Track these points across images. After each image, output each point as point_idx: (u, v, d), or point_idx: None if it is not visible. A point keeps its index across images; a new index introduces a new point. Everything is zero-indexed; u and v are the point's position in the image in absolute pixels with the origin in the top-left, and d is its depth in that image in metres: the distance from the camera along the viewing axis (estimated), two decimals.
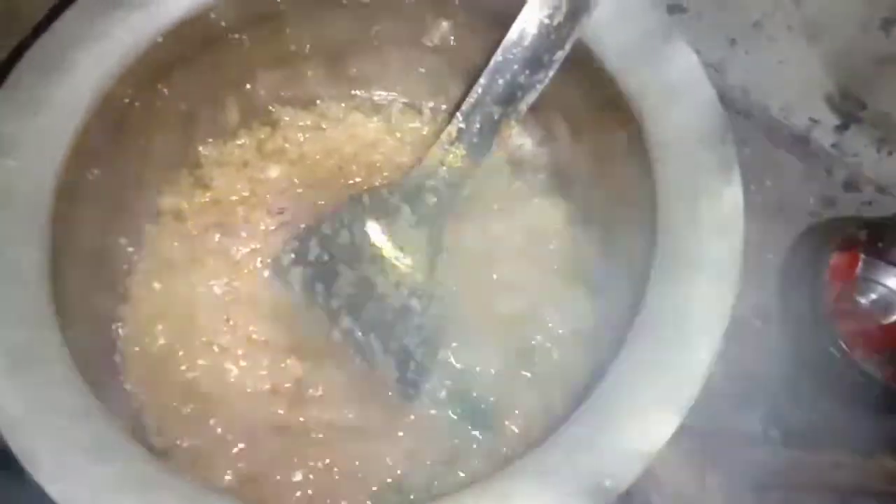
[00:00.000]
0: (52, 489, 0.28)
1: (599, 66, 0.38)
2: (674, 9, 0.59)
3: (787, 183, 0.61)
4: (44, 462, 0.28)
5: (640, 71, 0.37)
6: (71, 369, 0.31)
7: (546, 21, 0.37)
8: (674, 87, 0.36)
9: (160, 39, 0.38)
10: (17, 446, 0.28)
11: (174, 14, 0.38)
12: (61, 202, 0.35)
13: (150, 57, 0.39)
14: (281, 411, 0.43)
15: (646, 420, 0.30)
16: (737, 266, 0.32)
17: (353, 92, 0.51)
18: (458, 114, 0.41)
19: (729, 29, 0.59)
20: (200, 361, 0.43)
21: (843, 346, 0.51)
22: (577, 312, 0.46)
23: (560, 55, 0.38)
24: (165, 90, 0.42)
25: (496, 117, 0.40)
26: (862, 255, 0.55)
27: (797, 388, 0.56)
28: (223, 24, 0.42)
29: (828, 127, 0.61)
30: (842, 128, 0.61)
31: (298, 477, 0.41)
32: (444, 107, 0.52)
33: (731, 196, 0.33)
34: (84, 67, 0.36)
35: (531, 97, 0.39)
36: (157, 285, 0.45)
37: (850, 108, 0.60)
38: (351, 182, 0.49)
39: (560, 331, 0.46)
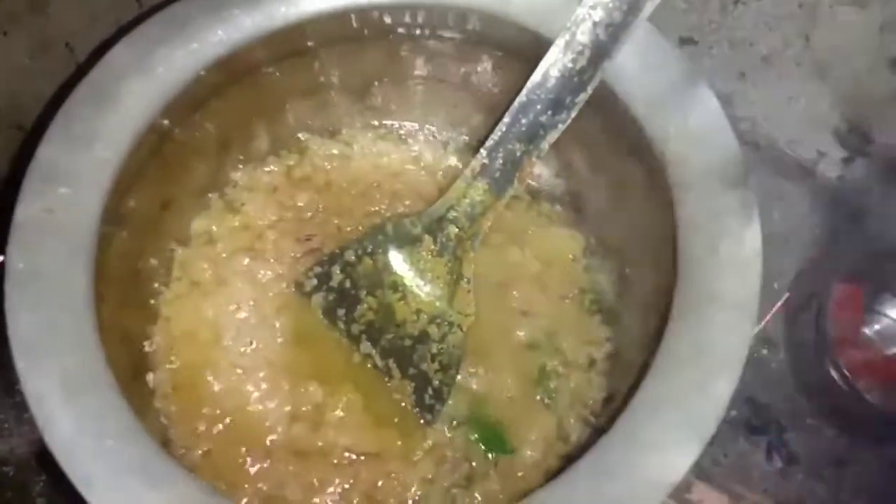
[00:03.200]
0: None
1: (624, 108, 0.40)
2: (685, 41, 0.61)
3: (793, 214, 0.62)
4: (98, 487, 0.29)
5: (664, 116, 0.38)
6: (116, 393, 0.32)
7: (570, 65, 0.39)
8: (697, 132, 0.38)
9: (202, 73, 0.39)
10: (73, 471, 0.29)
11: (216, 51, 0.40)
12: (106, 228, 0.36)
13: (191, 90, 0.40)
14: (300, 434, 0.44)
15: (666, 450, 0.32)
16: (755, 303, 0.34)
17: (378, 122, 0.53)
18: (482, 149, 0.42)
19: (739, 63, 0.61)
20: (224, 382, 0.45)
21: (847, 375, 0.52)
22: (591, 340, 0.48)
23: (582, 98, 0.40)
24: (202, 119, 0.43)
25: (518, 154, 0.42)
26: (867, 287, 0.57)
27: (801, 416, 0.57)
28: (258, 59, 0.43)
29: (834, 159, 0.63)
30: (848, 160, 0.63)
31: (317, 500, 0.42)
32: (465, 138, 0.53)
33: (751, 237, 0.35)
34: (131, 100, 0.38)
35: (553, 136, 0.41)
36: (185, 306, 0.46)
37: (856, 142, 0.62)
38: (374, 209, 0.51)
39: (575, 358, 0.47)
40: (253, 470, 0.43)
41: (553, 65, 0.39)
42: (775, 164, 0.65)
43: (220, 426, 0.44)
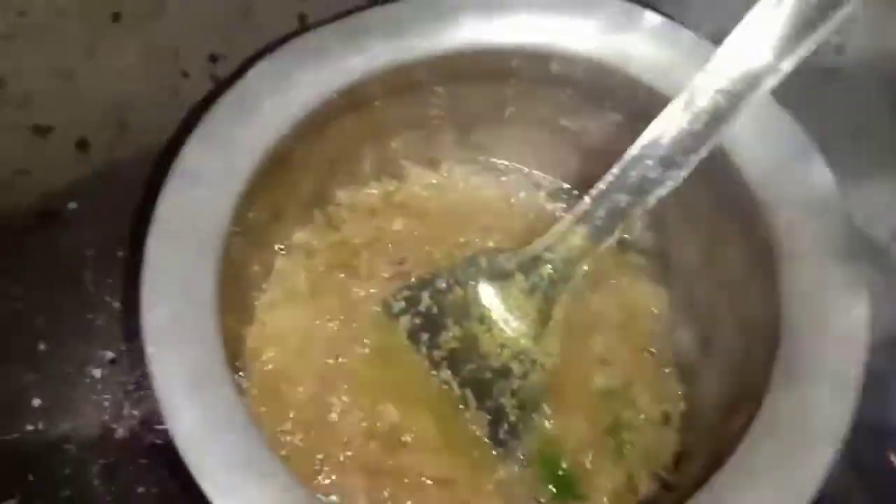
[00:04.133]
0: (220, 502, 0.30)
1: (735, 172, 0.41)
2: None
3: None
4: (215, 477, 0.31)
5: (778, 183, 0.39)
6: (233, 388, 0.33)
7: (685, 126, 0.40)
8: (810, 203, 0.38)
9: (335, 97, 0.41)
10: (191, 460, 0.31)
11: (345, 79, 0.42)
12: (232, 230, 0.38)
13: (317, 113, 0.42)
14: (374, 451, 0.45)
15: None
16: (858, 380, 0.34)
17: (477, 157, 0.54)
18: (586, 196, 0.43)
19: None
20: (308, 391, 0.46)
21: None
22: (667, 396, 0.48)
23: (695, 159, 0.40)
24: (319, 140, 0.45)
25: (623, 205, 0.43)
26: None
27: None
28: (376, 90, 0.45)
29: None
30: None
31: None
32: (560, 181, 0.55)
33: (859, 311, 0.36)
34: (268, 114, 0.40)
35: (661, 192, 0.42)
36: (279, 313, 0.48)
37: None
38: (463, 240, 0.52)
39: (650, 412, 0.48)
40: (326, 481, 0.44)
41: (669, 122, 0.40)
42: None
43: (299, 433, 0.45)
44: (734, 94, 0.39)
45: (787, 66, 0.36)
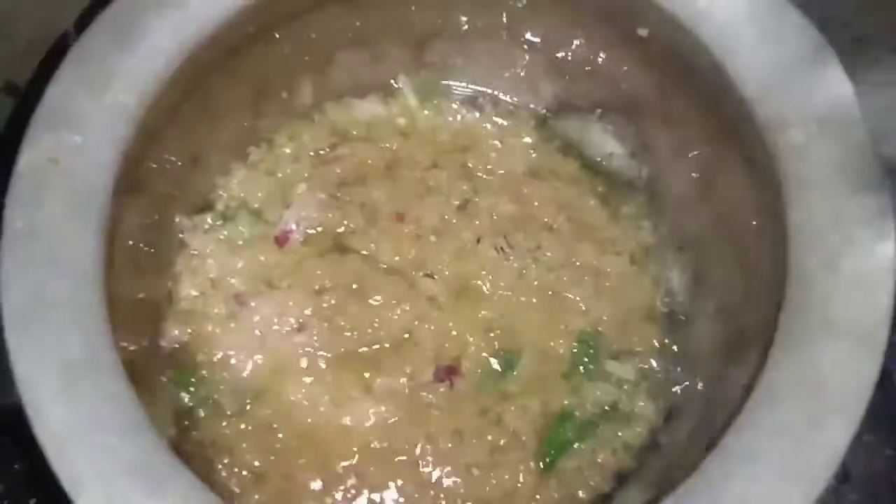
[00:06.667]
0: None
1: (731, 86, 0.34)
2: None
3: None
4: (89, 491, 0.25)
5: (783, 98, 0.32)
6: (121, 378, 0.28)
7: None
8: (823, 120, 0.31)
9: (237, 13, 0.34)
10: (63, 470, 0.25)
11: None
12: (121, 183, 0.31)
13: (228, 31, 0.35)
14: None
15: None
16: (883, 333, 0.28)
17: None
18: None
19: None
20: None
21: None
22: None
23: None
24: (236, 68, 0.38)
25: None
26: None
27: (858, 432, 0.51)
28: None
29: None
30: None
31: None
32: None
33: (882, 250, 0.29)
34: (158, 38, 0.33)
35: None
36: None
37: None
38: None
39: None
40: None
41: None
42: None
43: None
44: None
45: None
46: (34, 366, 0.27)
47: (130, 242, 0.33)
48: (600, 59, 0.41)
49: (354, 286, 0.42)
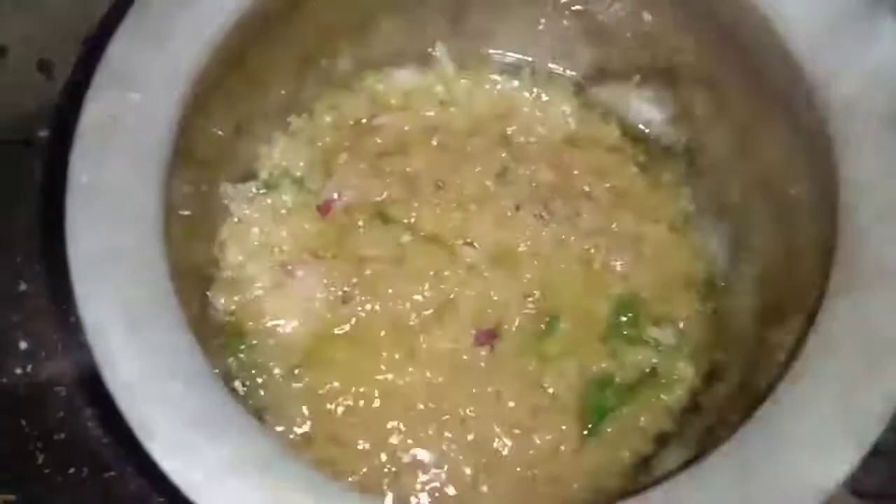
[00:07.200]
0: (166, 465, 0.25)
1: (778, 40, 0.33)
2: None
3: None
4: (159, 435, 0.26)
5: (832, 52, 0.32)
6: (185, 329, 0.28)
7: None
8: (873, 74, 0.31)
9: None
10: (132, 414, 0.26)
11: None
12: (180, 141, 0.32)
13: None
14: None
15: (822, 451, 0.27)
16: None
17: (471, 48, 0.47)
18: None
19: None
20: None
21: None
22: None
23: None
24: (277, 35, 0.38)
25: None
26: None
27: None
28: None
29: None
30: None
31: None
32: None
33: None
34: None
35: None
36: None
37: None
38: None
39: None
40: None
41: None
42: None
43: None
44: None
45: None
46: (102, 314, 0.27)
47: (182, 211, 0.34)
48: (640, 22, 0.41)
49: (396, 255, 0.43)
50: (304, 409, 0.40)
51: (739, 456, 0.27)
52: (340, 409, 0.40)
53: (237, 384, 0.40)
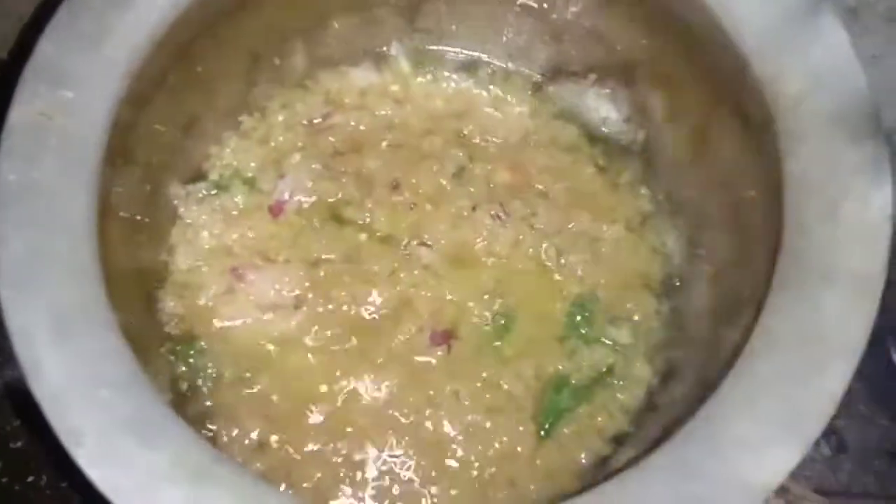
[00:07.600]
0: (93, 474, 0.24)
1: (727, 40, 0.33)
2: None
3: None
4: (87, 443, 0.25)
5: (778, 51, 0.32)
6: (116, 334, 0.27)
7: None
8: (818, 71, 0.31)
9: None
10: (59, 423, 0.25)
11: None
12: (115, 141, 0.31)
13: None
14: None
15: (764, 450, 0.26)
16: (879, 280, 0.28)
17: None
18: None
19: None
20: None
21: None
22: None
23: None
24: (226, 32, 0.38)
25: None
26: None
27: (854, 402, 0.51)
28: None
29: None
30: None
31: None
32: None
33: (881, 199, 0.29)
34: None
35: None
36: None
37: None
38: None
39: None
40: None
41: None
42: None
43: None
44: None
45: None
46: (28, 320, 0.26)
47: (123, 213, 0.33)
48: (595, 21, 0.41)
49: (350, 257, 0.42)
50: (256, 415, 0.39)
51: (680, 455, 0.27)
52: (293, 414, 0.39)
53: (186, 390, 0.39)
